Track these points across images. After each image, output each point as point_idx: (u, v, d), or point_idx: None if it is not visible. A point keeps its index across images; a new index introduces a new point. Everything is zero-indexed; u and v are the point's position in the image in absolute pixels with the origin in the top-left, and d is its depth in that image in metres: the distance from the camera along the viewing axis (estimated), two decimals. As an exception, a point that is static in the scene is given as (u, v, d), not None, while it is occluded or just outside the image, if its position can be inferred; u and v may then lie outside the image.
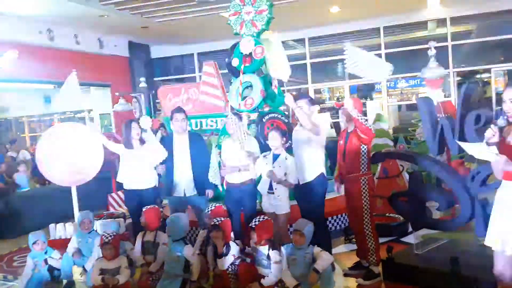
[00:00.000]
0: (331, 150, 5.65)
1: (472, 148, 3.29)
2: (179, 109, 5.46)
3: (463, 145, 3.41)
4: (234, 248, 4.42)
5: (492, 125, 3.10)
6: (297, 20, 11.86)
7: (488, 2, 11.11)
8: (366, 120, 4.42)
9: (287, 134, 5.50)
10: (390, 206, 4.86)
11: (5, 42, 9.76)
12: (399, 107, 13.82)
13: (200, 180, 5.26)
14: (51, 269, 5.07)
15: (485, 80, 12.83)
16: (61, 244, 5.86)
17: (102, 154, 5.94)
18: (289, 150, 5.28)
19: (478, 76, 13.15)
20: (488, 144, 3.08)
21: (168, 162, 5.36)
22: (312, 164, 4.72)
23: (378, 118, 8.69)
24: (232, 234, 4.59)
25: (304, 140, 4.71)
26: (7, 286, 5.36)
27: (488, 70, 12.05)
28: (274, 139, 4.71)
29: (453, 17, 11.92)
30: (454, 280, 3.94)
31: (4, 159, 9.16)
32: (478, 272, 3.85)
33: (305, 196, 4.76)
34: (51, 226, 6.63)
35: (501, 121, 3.18)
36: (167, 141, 5.49)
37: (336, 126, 11.09)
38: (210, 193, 5.35)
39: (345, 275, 4.74)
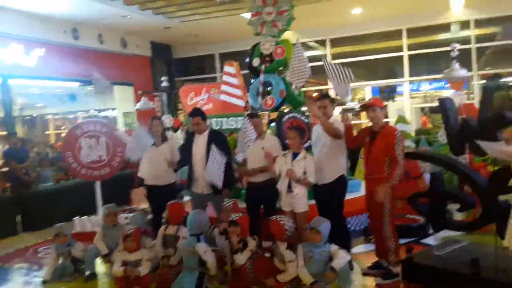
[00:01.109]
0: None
1: (491, 148, 3.27)
2: (192, 113, 5.44)
3: (483, 144, 3.39)
4: (251, 244, 4.46)
5: None
6: (318, 21, 11.85)
7: (514, 4, 10.93)
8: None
9: (306, 133, 5.52)
10: (411, 207, 4.82)
11: (32, 41, 10.01)
12: (422, 109, 13.66)
13: None
14: (74, 260, 5.20)
15: (511, 83, 12.57)
16: (84, 237, 5.97)
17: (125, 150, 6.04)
18: (309, 149, 5.29)
19: (503, 79, 12.90)
20: (507, 144, 3.06)
21: (189, 160, 5.41)
22: (333, 166, 4.73)
23: (400, 120, 8.61)
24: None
25: (325, 141, 4.73)
26: (32, 276, 5.49)
27: (512, 73, 11.84)
28: (293, 138, 4.73)
29: (477, 19, 11.76)
30: (474, 282, 3.90)
31: (29, 153, 9.35)
32: (498, 274, 3.81)
33: (324, 197, 4.77)
34: (75, 219, 6.77)
35: None
36: (188, 139, 5.55)
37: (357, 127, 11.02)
38: (226, 192, 5.30)
39: (364, 274, 4.73)
